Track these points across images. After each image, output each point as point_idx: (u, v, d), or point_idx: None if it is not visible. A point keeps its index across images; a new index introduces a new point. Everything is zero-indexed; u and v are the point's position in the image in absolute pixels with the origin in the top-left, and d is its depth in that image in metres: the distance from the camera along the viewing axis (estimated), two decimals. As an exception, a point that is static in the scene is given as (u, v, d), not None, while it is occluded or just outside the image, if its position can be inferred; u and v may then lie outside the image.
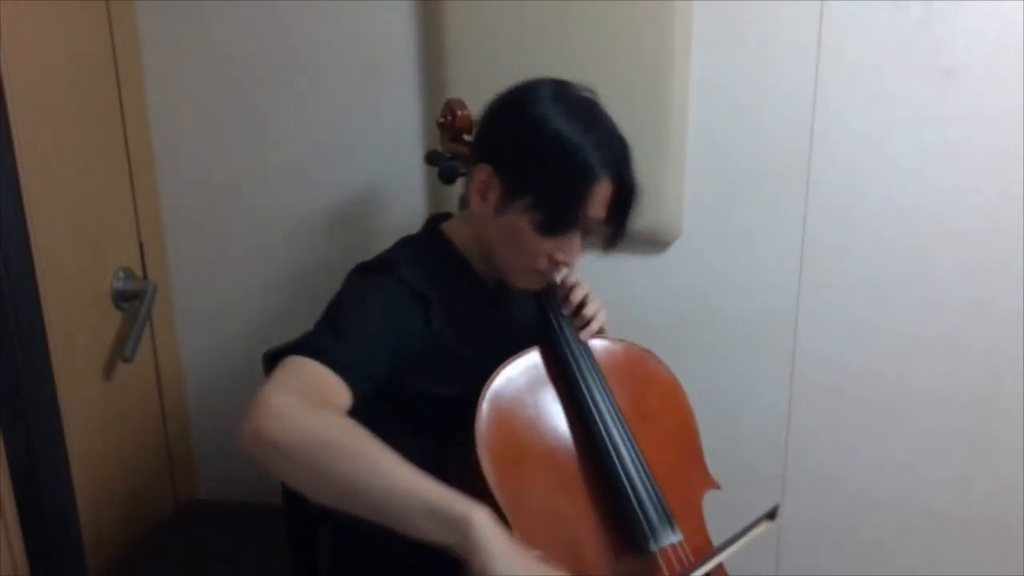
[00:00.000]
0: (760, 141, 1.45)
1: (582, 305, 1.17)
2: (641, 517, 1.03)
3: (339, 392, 0.95)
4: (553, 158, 1.05)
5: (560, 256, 1.10)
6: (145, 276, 1.59)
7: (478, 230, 1.14)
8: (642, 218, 1.47)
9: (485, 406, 1.04)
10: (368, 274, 1.11)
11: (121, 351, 1.49)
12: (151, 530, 1.60)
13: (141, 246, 1.58)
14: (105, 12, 1.46)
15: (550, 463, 1.07)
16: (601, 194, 1.07)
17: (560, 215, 1.06)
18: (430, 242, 1.18)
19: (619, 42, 1.38)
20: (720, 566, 1.13)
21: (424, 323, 1.08)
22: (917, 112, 1.40)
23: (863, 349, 1.51)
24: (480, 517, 0.82)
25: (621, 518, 1.04)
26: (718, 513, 1.14)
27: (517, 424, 1.07)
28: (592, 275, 1.34)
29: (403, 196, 1.55)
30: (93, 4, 1.44)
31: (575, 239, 1.10)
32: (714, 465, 1.19)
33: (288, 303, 1.64)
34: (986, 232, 1.43)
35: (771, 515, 1.00)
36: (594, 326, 1.16)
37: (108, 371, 1.50)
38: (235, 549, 1.52)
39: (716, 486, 1.18)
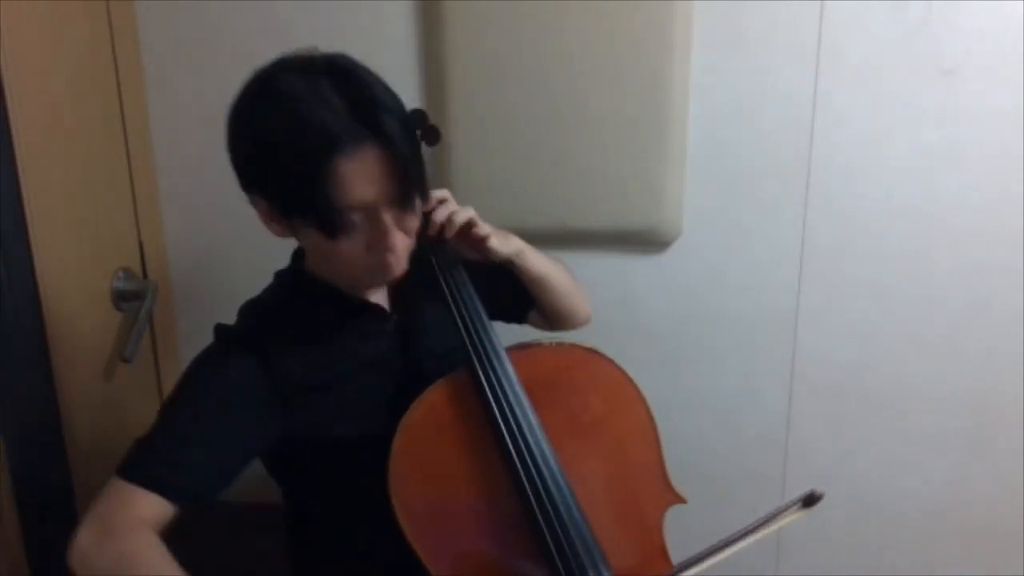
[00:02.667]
0: (760, 141, 1.45)
1: (443, 220, 1.05)
2: (561, 568, 0.94)
3: (151, 507, 0.94)
4: (287, 162, 0.90)
5: (378, 247, 0.94)
6: (145, 276, 1.58)
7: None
8: (642, 218, 1.48)
9: (395, 455, 0.95)
10: (214, 349, 1.03)
11: (121, 351, 1.48)
12: (151, 530, 1.60)
13: (141, 246, 1.58)
14: (105, 12, 1.46)
15: (470, 511, 0.98)
16: (352, 174, 0.88)
17: (328, 218, 0.90)
18: (294, 283, 1.08)
19: (619, 42, 1.38)
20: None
21: (260, 368, 0.99)
22: (917, 112, 1.40)
23: (863, 349, 1.51)
24: None
25: (547, 565, 0.95)
26: (718, 513, 1.14)
27: (430, 471, 0.97)
28: (592, 275, 1.34)
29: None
30: (93, 4, 1.43)
31: (381, 224, 0.92)
32: (714, 465, 1.19)
33: (288, 303, 1.64)
34: (986, 232, 1.43)
35: (808, 502, 0.92)
36: (450, 230, 1.04)
37: (108, 371, 1.50)
38: (235, 549, 1.52)
39: (680, 500, 1.07)
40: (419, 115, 1.15)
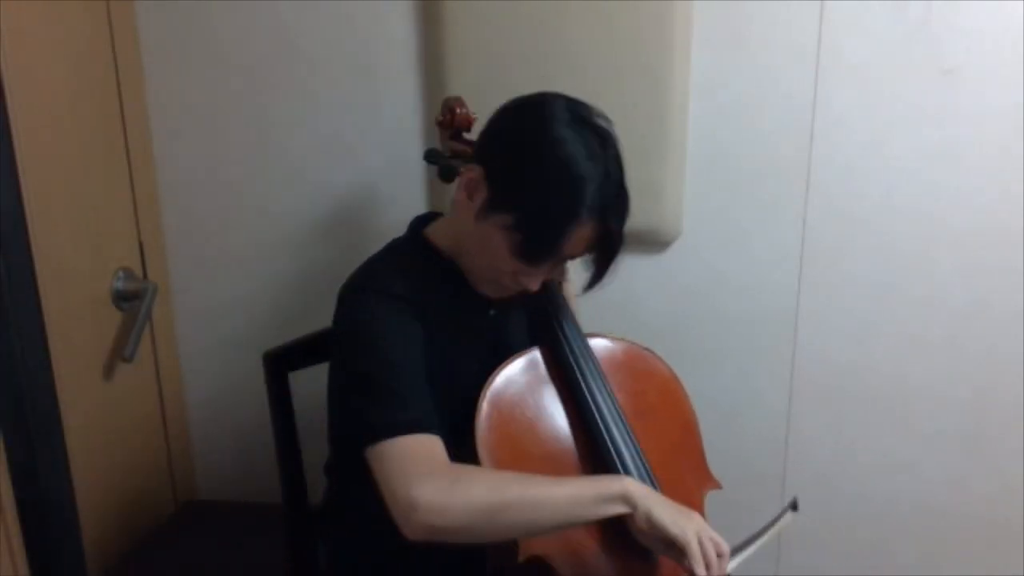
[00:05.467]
0: (760, 141, 1.45)
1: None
2: None
3: (437, 446, 1.00)
4: (547, 187, 1.00)
5: (524, 279, 1.07)
6: (145, 276, 1.59)
7: (459, 227, 1.10)
8: (642, 218, 1.48)
9: (485, 407, 1.05)
10: (363, 302, 1.08)
11: (121, 351, 1.49)
12: (151, 530, 1.60)
13: (141, 246, 1.58)
14: (105, 12, 1.46)
15: (551, 463, 1.07)
16: (584, 233, 1.01)
17: (538, 245, 1.02)
18: (415, 250, 1.15)
19: (619, 42, 1.38)
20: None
21: (424, 333, 1.07)
22: (917, 112, 1.40)
23: (863, 349, 1.51)
24: (630, 486, 0.96)
25: (622, 519, 1.03)
26: (719, 513, 1.14)
27: (517, 425, 1.07)
28: (592, 275, 1.34)
29: (403, 196, 1.55)
30: (93, 4, 1.44)
31: (545, 268, 1.06)
32: (714, 465, 1.19)
33: (288, 303, 1.64)
34: (986, 232, 1.43)
35: (793, 506, 1.05)
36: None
37: (108, 371, 1.50)
38: (235, 549, 1.52)
39: (717, 486, 1.18)
40: (435, 154, 1.27)
